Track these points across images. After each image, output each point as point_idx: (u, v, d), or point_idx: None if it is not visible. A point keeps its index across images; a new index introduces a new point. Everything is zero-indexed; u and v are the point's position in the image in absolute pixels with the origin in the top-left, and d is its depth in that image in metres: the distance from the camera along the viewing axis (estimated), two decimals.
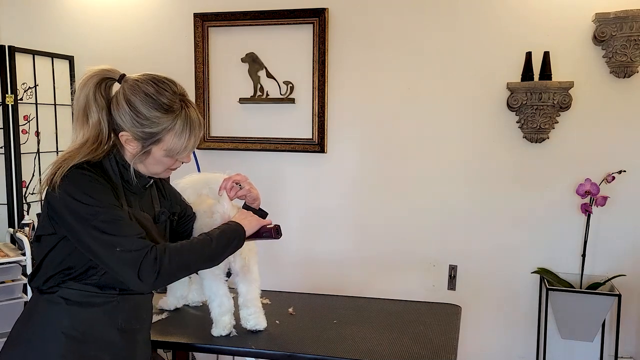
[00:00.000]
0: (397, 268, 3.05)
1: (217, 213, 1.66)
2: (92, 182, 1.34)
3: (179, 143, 1.39)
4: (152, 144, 1.39)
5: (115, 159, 1.43)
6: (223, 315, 1.75)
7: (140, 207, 1.48)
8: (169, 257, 1.34)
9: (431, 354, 1.68)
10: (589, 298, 2.59)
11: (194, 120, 1.40)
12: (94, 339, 1.39)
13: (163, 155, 1.41)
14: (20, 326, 1.42)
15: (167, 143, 1.39)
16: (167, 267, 1.33)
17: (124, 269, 1.31)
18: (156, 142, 1.38)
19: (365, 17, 2.99)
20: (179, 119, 1.38)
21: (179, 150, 1.41)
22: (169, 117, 1.37)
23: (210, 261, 1.49)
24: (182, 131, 1.39)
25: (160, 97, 1.37)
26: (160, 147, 1.39)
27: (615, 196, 2.72)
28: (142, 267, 1.30)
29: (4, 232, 3.03)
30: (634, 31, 2.55)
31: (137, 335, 1.50)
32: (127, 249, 1.30)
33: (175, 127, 1.38)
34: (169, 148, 1.40)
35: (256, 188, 1.76)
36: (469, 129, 2.91)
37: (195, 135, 1.42)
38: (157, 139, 1.38)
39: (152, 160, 1.42)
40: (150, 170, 1.46)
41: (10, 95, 2.98)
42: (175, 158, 1.44)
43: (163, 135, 1.38)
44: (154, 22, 3.30)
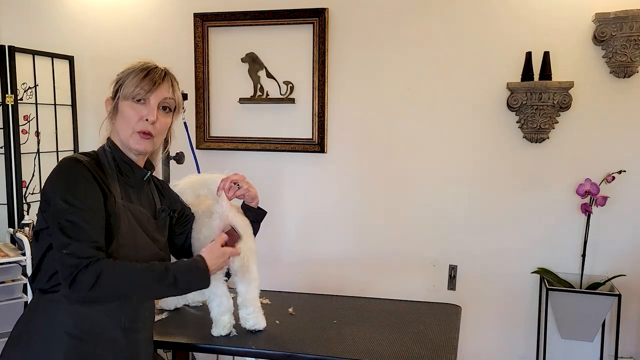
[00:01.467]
0: (397, 268, 3.05)
1: (215, 213, 1.66)
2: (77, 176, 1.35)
3: (135, 81, 1.42)
4: (119, 93, 1.43)
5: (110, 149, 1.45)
6: (222, 314, 1.75)
7: (139, 202, 1.48)
8: (110, 275, 1.30)
9: (431, 354, 1.68)
10: (589, 298, 2.59)
11: (155, 70, 1.45)
12: (97, 338, 1.39)
13: (125, 101, 1.43)
14: (22, 326, 1.42)
15: (126, 86, 1.42)
16: (103, 285, 1.29)
17: (62, 272, 1.30)
18: (120, 87, 1.43)
19: (365, 17, 2.99)
20: (144, 65, 1.45)
21: (135, 89, 1.42)
22: (137, 65, 1.45)
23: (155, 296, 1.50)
24: (140, 71, 1.43)
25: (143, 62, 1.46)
26: (123, 94, 1.43)
27: (615, 196, 2.72)
28: (78, 276, 1.28)
29: (4, 232, 3.03)
30: (634, 31, 2.55)
31: (140, 334, 1.50)
32: (73, 254, 1.29)
33: (136, 69, 1.44)
34: (128, 91, 1.42)
35: (254, 187, 1.76)
36: (469, 128, 2.91)
37: (152, 78, 1.43)
38: (120, 84, 1.44)
39: (120, 117, 1.44)
40: (122, 136, 1.45)
41: (10, 95, 2.98)
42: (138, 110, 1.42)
43: (125, 78, 1.43)
44: (154, 22, 3.30)
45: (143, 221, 1.45)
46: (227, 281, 1.77)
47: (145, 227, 1.45)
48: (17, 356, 1.37)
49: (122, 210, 1.40)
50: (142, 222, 1.45)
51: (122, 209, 1.40)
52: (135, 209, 1.45)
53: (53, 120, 3.28)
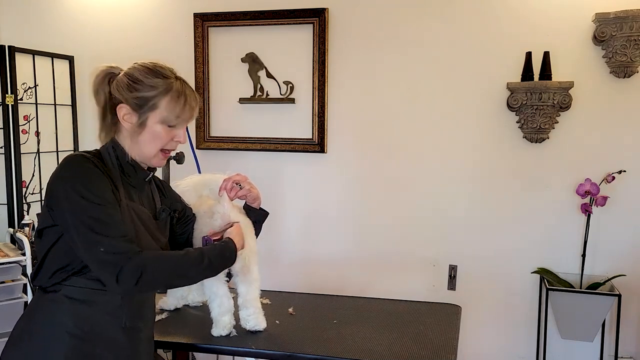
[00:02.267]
0: (397, 268, 3.05)
1: (217, 214, 1.67)
2: (90, 172, 1.34)
3: (175, 108, 1.40)
4: (148, 111, 1.39)
5: (114, 150, 1.43)
6: (223, 315, 1.75)
7: (140, 202, 1.48)
8: (153, 267, 1.33)
9: (431, 354, 1.68)
10: (589, 298, 2.59)
11: (189, 93, 1.43)
12: (98, 337, 1.39)
13: (158, 123, 1.41)
14: (23, 325, 1.41)
15: (162, 109, 1.40)
16: (149, 278, 1.32)
17: (103, 270, 1.30)
18: (152, 108, 1.39)
19: (365, 17, 2.99)
20: (175, 85, 1.42)
21: (175, 117, 1.41)
22: (165, 82, 1.41)
23: (199, 277, 1.50)
24: (179, 96, 1.41)
25: (158, 68, 1.43)
26: (155, 115, 1.40)
27: (615, 196, 2.72)
28: (123, 271, 1.29)
29: (4, 232, 3.03)
30: (634, 31, 2.55)
31: (141, 333, 1.49)
32: (110, 251, 1.29)
33: (171, 91, 1.40)
34: (164, 115, 1.40)
35: (256, 188, 1.76)
36: (469, 128, 2.91)
37: (191, 105, 1.43)
38: (152, 104, 1.39)
39: (147, 135, 1.41)
40: (145, 151, 1.44)
41: (10, 95, 2.98)
42: (170, 132, 1.43)
43: (159, 99, 1.39)
44: (154, 22, 3.30)
45: (145, 221, 1.45)
46: (229, 282, 1.77)
47: (147, 227, 1.46)
48: (17, 356, 1.37)
49: (126, 210, 1.39)
50: (144, 222, 1.45)
51: (126, 208, 1.40)
52: (138, 208, 1.45)
53: (53, 120, 3.28)
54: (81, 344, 1.36)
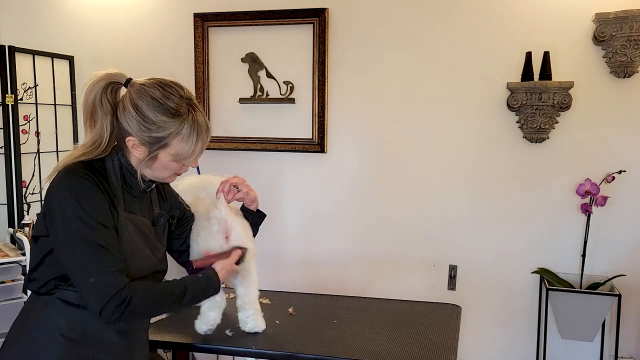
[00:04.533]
0: (397, 268, 3.05)
1: (214, 218, 1.65)
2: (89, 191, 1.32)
3: (186, 147, 1.39)
4: (159, 149, 1.38)
5: (120, 161, 1.42)
6: (212, 309, 1.74)
7: (140, 212, 1.47)
8: (138, 302, 1.33)
9: (431, 354, 1.68)
10: (589, 298, 2.59)
11: (201, 125, 1.40)
12: (92, 340, 1.38)
13: (170, 160, 1.41)
14: (18, 328, 1.41)
15: (174, 148, 1.38)
16: (132, 311, 1.32)
17: (91, 299, 1.30)
18: (163, 146, 1.38)
19: (365, 17, 2.99)
20: (186, 123, 1.37)
21: (186, 155, 1.41)
22: (176, 122, 1.36)
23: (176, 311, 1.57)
24: (190, 135, 1.38)
25: (167, 101, 1.36)
26: (167, 152, 1.39)
27: (615, 196, 2.72)
28: (108, 304, 1.29)
29: (4, 232, 3.03)
30: (634, 31, 2.55)
31: (136, 335, 1.49)
32: (99, 282, 1.29)
33: (182, 131, 1.37)
34: (176, 153, 1.39)
35: (254, 190, 1.75)
36: (469, 128, 2.91)
37: (203, 140, 1.42)
38: (164, 144, 1.38)
39: (159, 165, 1.42)
40: (157, 175, 1.45)
41: (10, 95, 2.98)
42: (182, 163, 1.43)
43: (170, 139, 1.37)
44: (154, 22, 3.30)
45: (144, 232, 1.45)
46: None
47: (146, 238, 1.45)
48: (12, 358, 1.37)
49: (122, 224, 1.38)
50: (143, 233, 1.44)
51: (123, 222, 1.39)
52: (137, 219, 1.44)
53: (53, 120, 3.28)
54: (76, 346, 1.36)
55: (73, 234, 1.29)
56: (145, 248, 1.44)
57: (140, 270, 1.41)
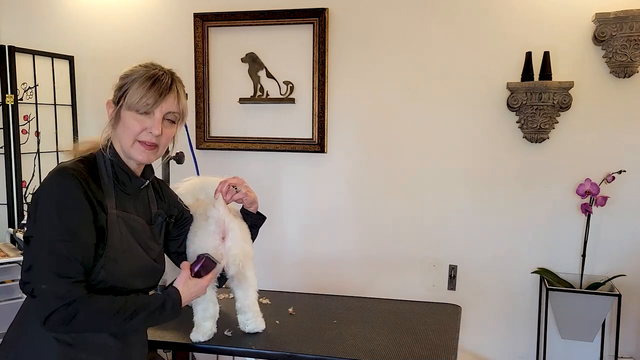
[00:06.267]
0: (397, 268, 3.05)
1: (211, 218, 1.65)
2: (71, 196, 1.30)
3: (139, 91, 1.36)
4: (121, 99, 1.38)
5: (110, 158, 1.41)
6: (206, 320, 1.73)
7: (135, 209, 1.45)
8: (84, 317, 1.30)
9: (431, 354, 1.68)
10: (589, 298, 2.59)
11: (163, 79, 1.38)
12: (86, 343, 1.37)
13: (127, 110, 1.37)
14: (13, 331, 1.40)
15: (130, 94, 1.37)
16: (78, 325, 1.30)
17: (38, 306, 1.29)
18: (123, 95, 1.38)
19: (365, 17, 2.99)
20: (150, 72, 1.39)
21: (138, 101, 1.36)
22: (141, 70, 1.39)
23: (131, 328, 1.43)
24: (146, 80, 1.37)
25: (148, 63, 1.41)
26: (126, 102, 1.37)
27: (615, 196, 2.72)
28: (53, 315, 1.27)
29: (4, 232, 3.03)
30: (634, 31, 2.55)
31: (132, 337, 1.47)
32: (50, 291, 1.27)
33: (142, 76, 1.38)
34: (131, 100, 1.36)
35: (254, 191, 1.74)
36: (469, 129, 2.91)
37: (159, 90, 1.37)
38: (123, 92, 1.38)
39: (121, 126, 1.39)
40: (123, 144, 1.40)
41: (10, 95, 2.98)
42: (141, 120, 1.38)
43: (130, 85, 1.37)
44: (154, 22, 3.30)
45: (137, 230, 1.43)
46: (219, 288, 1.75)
47: (139, 237, 1.43)
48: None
49: (114, 222, 1.37)
50: (136, 232, 1.43)
51: (114, 220, 1.37)
52: (130, 218, 1.42)
53: (53, 120, 3.28)
54: (70, 350, 1.35)
55: (40, 236, 1.29)
56: (137, 247, 1.42)
57: (134, 269, 1.40)
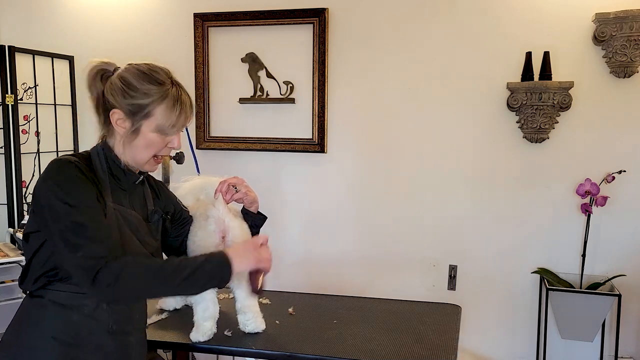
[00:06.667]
0: (397, 268, 3.05)
1: (211, 218, 1.65)
2: (73, 177, 1.32)
3: (170, 117, 1.37)
4: (143, 119, 1.36)
5: (103, 152, 1.41)
6: (206, 320, 1.73)
7: (130, 205, 1.45)
8: (130, 273, 1.28)
9: (431, 354, 1.68)
10: (589, 298, 2.59)
11: (184, 98, 1.40)
12: (84, 342, 1.37)
13: (152, 131, 1.38)
14: (11, 331, 1.40)
15: (157, 117, 1.36)
16: (125, 282, 1.27)
17: (81, 275, 1.27)
18: (146, 115, 1.36)
19: (365, 17, 2.99)
20: (171, 93, 1.38)
21: (169, 126, 1.38)
22: (160, 89, 1.37)
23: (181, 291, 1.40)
24: (174, 105, 1.37)
25: (153, 73, 1.39)
26: (150, 123, 1.37)
27: (615, 196, 2.72)
28: (99, 275, 1.25)
29: (4, 232, 3.03)
30: (634, 31, 2.55)
31: (130, 337, 1.47)
32: (87, 255, 1.26)
33: (166, 99, 1.37)
34: (159, 123, 1.37)
35: (253, 191, 1.74)
36: (469, 129, 2.91)
37: (186, 113, 1.40)
38: (147, 112, 1.36)
39: (141, 141, 1.38)
40: (137, 157, 1.41)
41: (10, 95, 2.98)
42: (164, 139, 1.40)
43: (153, 107, 1.36)
44: (154, 22, 3.30)
45: (134, 224, 1.43)
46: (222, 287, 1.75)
47: (135, 231, 1.43)
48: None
49: (111, 214, 1.37)
50: (133, 226, 1.43)
51: (111, 213, 1.37)
52: (126, 212, 1.42)
53: (53, 120, 3.29)
54: (68, 349, 1.35)
55: (61, 218, 1.28)
56: (135, 240, 1.42)
57: None
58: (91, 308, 1.37)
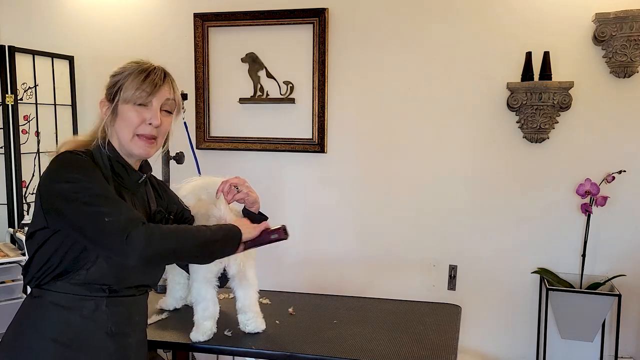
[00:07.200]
0: (397, 268, 3.05)
1: (213, 217, 1.65)
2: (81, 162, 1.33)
3: (135, 83, 1.38)
4: (117, 94, 1.39)
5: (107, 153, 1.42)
6: (206, 320, 1.73)
7: (133, 204, 1.45)
8: (161, 234, 1.31)
9: (431, 354, 1.68)
10: (589, 298, 2.59)
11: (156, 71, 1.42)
12: (83, 344, 1.37)
13: (126, 104, 1.39)
14: (11, 332, 1.40)
15: (127, 87, 1.39)
16: (157, 243, 1.29)
17: (110, 237, 1.26)
18: (119, 90, 1.39)
19: (365, 17, 2.99)
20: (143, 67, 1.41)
21: (134, 91, 1.38)
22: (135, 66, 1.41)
23: (201, 252, 1.42)
24: (141, 72, 1.40)
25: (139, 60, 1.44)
26: (122, 96, 1.39)
27: (615, 196, 2.72)
28: (131, 235, 1.25)
29: (4, 232, 3.03)
30: (634, 31, 2.55)
31: (130, 338, 1.46)
32: (116, 219, 1.26)
33: (135, 71, 1.40)
34: (128, 93, 1.38)
35: (255, 191, 1.74)
36: (469, 129, 2.91)
37: (153, 81, 1.40)
38: (119, 87, 1.39)
39: (119, 121, 1.40)
40: (122, 139, 1.41)
41: (10, 95, 2.98)
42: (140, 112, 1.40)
43: (124, 80, 1.39)
44: (154, 22, 3.30)
45: None
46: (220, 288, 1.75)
47: None
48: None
49: None
50: None
51: None
52: None
53: (53, 120, 3.29)
54: (67, 351, 1.35)
55: (76, 197, 1.28)
56: None
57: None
58: (90, 310, 1.37)
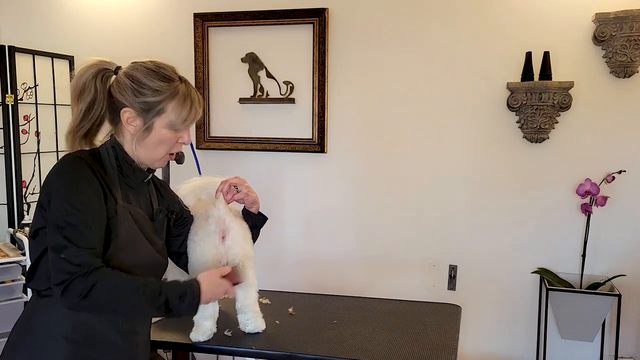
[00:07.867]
0: (397, 268, 3.05)
1: (212, 217, 1.65)
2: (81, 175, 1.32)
3: (182, 112, 1.40)
4: (155, 116, 1.38)
5: (114, 150, 1.42)
6: (205, 319, 1.73)
7: (137, 203, 1.46)
8: (104, 288, 1.27)
9: (431, 354, 1.68)
10: (589, 298, 2.59)
11: (194, 94, 1.43)
12: (96, 342, 1.37)
13: (164, 128, 1.40)
14: (20, 331, 1.39)
15: (169, 114, 1.39)
16: (94, 297, 1.26)
17: (56, 276, 1.27)
18: (158, 113, 1.38)
19: (365, 17, 2.99)
20: (181, 89, 1.41)
21: (181, 122, 1.40)
22: (170, 86, 1.39)
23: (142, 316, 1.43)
24: (185, 100, 1.40)
25: (161, 69, 1.41)
26: (162, 119, 1.39)
27: (615, 196, 2.72)
28: (72, 284, 1.25)
29: (4, 232, 3.03)
30: (634, 31, 2.55)
31: (139, 336, 1.48)
32: (68, 260, 1.25)
33: (177, 96, 1.39)
34: (171, 119, 1.39)
35: (254, 191, 1.74)
36: (469, 129, 2.91)
37: (196, 108, 1.43)
38: (159, 109, 1.38)
39: (153, 138, 1.40)
40: (152, 154, 1.43)
41: (10, 95, 2.98)
42: (175, 134, 1.42)
43: (165, 104, 1.38)
44: (154, 22, 3.30)
45: (141, 222, 1.44)
46: None
47: (143, 229, 1.44)
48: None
49: (122, 212, 1.38)
50: (141, 224, 1.43)
51: (122, 211, 1.38)
52: (134, 210, 1.43)
53: (53, 120, 3.28)
54: (79, 348, 1.35)
55: (58, 215, 1.29)
56: (143, 238, 1.43)
57: (139, 260, 1.40)
58: None
